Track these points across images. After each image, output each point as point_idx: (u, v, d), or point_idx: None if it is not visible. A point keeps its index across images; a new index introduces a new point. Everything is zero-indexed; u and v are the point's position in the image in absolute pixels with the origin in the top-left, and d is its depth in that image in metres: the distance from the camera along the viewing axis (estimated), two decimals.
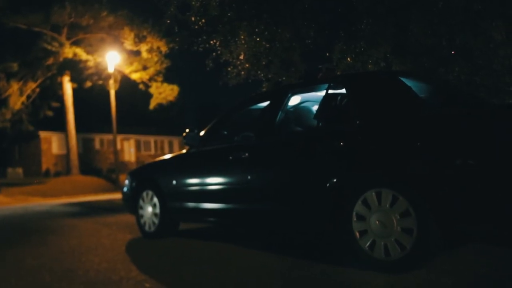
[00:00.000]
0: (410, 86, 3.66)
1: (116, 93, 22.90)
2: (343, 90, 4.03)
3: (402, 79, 3.72)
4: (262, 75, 8.88)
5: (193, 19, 8.11)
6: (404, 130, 3.36)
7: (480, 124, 3.03)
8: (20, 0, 23.23)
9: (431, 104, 3.73)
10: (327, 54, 9.14)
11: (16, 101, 25.66)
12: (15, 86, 25.12)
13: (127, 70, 26.04)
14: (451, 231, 3.12)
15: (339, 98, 4.04)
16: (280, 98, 4.51)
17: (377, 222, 3.36)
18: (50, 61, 25.15)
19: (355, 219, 3.49)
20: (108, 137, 35.16)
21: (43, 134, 32.61)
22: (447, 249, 3.84)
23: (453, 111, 3.43)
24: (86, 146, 34.88)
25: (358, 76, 4.55)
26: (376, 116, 3.56)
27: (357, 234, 3.48)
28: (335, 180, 3.62)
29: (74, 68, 25.37)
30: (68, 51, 24.51)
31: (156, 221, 5.61)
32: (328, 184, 3.66)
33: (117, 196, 13.27)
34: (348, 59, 8.92)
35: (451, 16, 7.74)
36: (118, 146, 27.28)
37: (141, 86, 26.68)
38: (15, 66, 24.08)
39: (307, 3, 8.61)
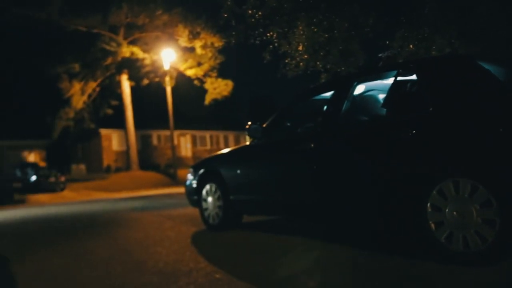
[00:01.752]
0: (489, 69, 3.46)
1: (172, 89, 23.34)
2: (414, 77, 3.86)
3: (480, 63, 3.52)
4: (320, 65, 8.73)
5: (250, 12, 8.08)
6: (484, 116, 3.17)
7: None
8: (79, 3, 24.01)
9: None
10: (387, 42, 8.87)
11: (78, 101, 26.60)
12: (77, 86, 26.05)
13: (182, 67, 26.44)
14: None
15: (409, 84, 3.87)
16: (345, 88, 4.39)
17: (454, 213, 3.19)
18: (109, 61, 25.91)
19: (430, 210, 3.34)
20: (165, 133, 35.92)
21: (103, 131, 33.73)
22: None
23: None
24: (144, 142, 35.81)
25: (431, 60, 4.34)
26: (452, 102, 3.38)
27: (433, 225, 3.32)
28: (408, 169, 3.48)
29: (132, 66, 26.03)
30: (126, 51, 25.16)
31: (220, 213, 5.63)
32: (400, 174, 3.52)
33: (176, 190, 13.55)
34: (411, 46, 8.63)
35: None
36: (175, 142, 27.80)
37: (196, 82, 27.04)
38: (76, 67, 24.97)
39: None
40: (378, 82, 4.68)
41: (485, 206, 3.04)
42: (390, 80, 4.26)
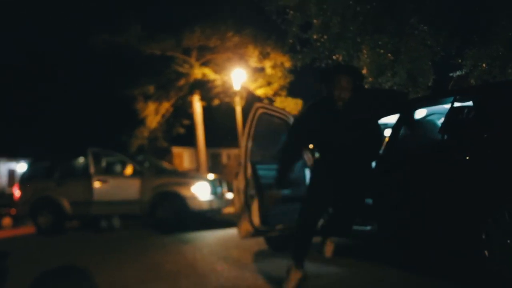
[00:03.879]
0: None
1: (242, 109, 23.86)
2: (470, 103, 3.89)
3: None
4: (387, 87, 8.73)
5: (315, 37, 8.28)
6: None
7: None
8: (155, 29, 25.14)
9: None
10: (460, 61, 8.69)
11: (153, 120, 27.79)
12: (151, 107, 27.24)
13: (252, 87, 26.92)
14: None
15: (465, 111, 3.90)
16: (404, 113, 4.47)
17: (508, 241, 3.19)
18: (182, 82, 26.88)
19: (483, 237, 3.34)
20: (234, 151, 36.65)
21: (175, 149, 34.96)
22: None
23: None
24: (214, 160, 36.71)
25: (487, 87, 4.34)
26: (506, 129, 3.39)
27: (486, 252, 3.32)
28: (461, 197, 3.51)
29: (203, 87, 26.85)
30: (198, 72, 26.05)
31: None
32: (453, 201, 3.55)
33: None
34: (483, 65, 8.41)
35: None
36: None
37: (265, 101, 27.36)
38: (151, 89, 26.13)
39: (434, 9, 8.29)
40: (439, 106, 4.71)
41: None
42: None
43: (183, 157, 35.76)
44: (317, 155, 5.20)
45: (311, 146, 5.37)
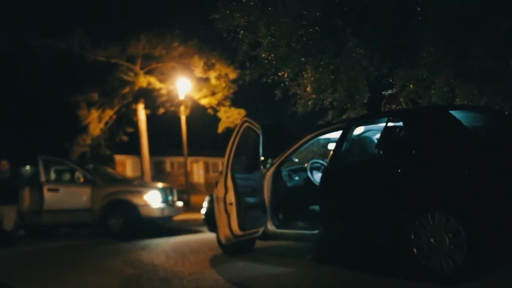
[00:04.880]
0: (460, 118, 4.17)
1: (186, 117, 24.15)
2: (401, 123, 4.58)
3: (451, 112, 4.24)
4: (327, 103, 9.47)
5: (263, 55, 8.90)
6: (453, 159, 3.87)
7: None
8: (100, 36, 24.93)
9: (479, 134, 4.21)
10: (391, 80, 9.48)
11: (96, 128, 27.45)
12: (94, 114, 26.91)
13: (196, 96, 27.19)
14: (500, 248, 3.58)
15: (397, 130, 4.59)
16: (345, 130, 5.12)
17: (432, 240, 3.86)
18: (126, 90, 26.74)
19: (412, 237, 4.01)
20: (178, 159, 36.74)
21: (118, 157, 34.61)
22: (500, 265, 4.24)
23: (496, 141, 3.91)
24: (157, 169, 36.64)
25: (413, 111, 5.11)
26: (429, 147, 4.10)
27: (415, 250, 3.99)
28: (393, 204, 4.17)
29: (148, 96, 26.84)
30: (143, 80, 26.06)
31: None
32: (387, 207, 4.21)
33: (190, 216, 14.15)
34: (411, 85, 9.24)
35: None
36: (188, 168, 28.45)
37: (209, 110, 27.75)
38: (95, 96, 25.87)
39: (370, 32, 9.08)
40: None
41: (456, 234, 3.72)
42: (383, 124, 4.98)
43: (126, 165, 35.42)
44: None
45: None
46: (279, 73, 9.31)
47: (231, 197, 5.15)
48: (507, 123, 4.94)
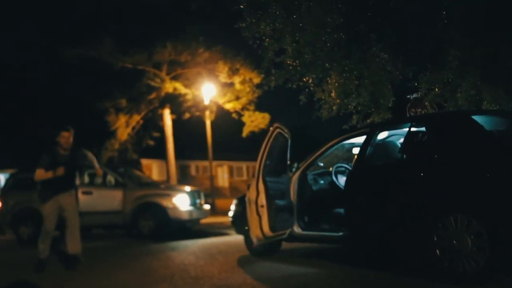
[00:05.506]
0: (482, 123, 4.30)
1: (211, 122, 24.50)
2: (424, 128, 4.72)
3: (474, 117, 4.37)
4: (352, 107, 9.60)
5: (288, 62, 9.09)
6: (474, 163, 4.01)
7: None
8: (127, 43, 25.52)
9: (500, 138, 4.33)
10: (416, 84, 9.50)
11: (123, 133, 28.05)
12: (122, 119, 27.51)
13: (221, 101, 27.52)
14: None
15: (420, 135, 4.73)
16: (369, 135, 5.28)
17: (454, 241, 4.00)
18: (153, 95, 27.26)
19: (435, 239, 4.15)
20: (203, 163, 37.17)
21: (144, 161, 35.21)
22: None
23: None
24: (183, 172, 37.13)
25: (436, 116, 5.24)
26: (451, 151, 4.24)
27: (438, 251, 4.13)
28: (416, 207, 4.31)
29: (174, 101, 27.33)
30: (169, 86, 26.56)
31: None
32: (410, 210, 4.36)
33: (215, 219, 14.43)
34: (436, 89, 9.26)
35: None
36: (213, 172, 28.79)
37: (234, 115, 28.06)
38: (123, 102, 26.47)
39: (394, 37, 9.15)
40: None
41: (478, 236, 3.85)
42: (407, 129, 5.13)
43: (152, 169, 36.02)
44: None
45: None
46: (304, 79, 9.48)
47: (262, 200, 5.37)
48: None
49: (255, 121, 27.62)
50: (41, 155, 6.14)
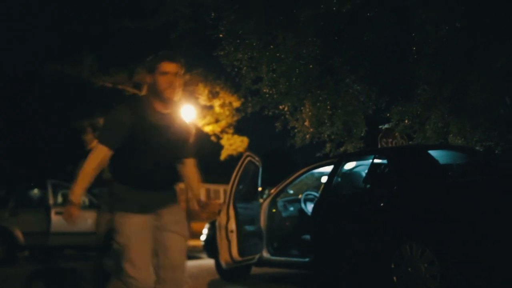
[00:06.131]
0: (441, 157, 4.59)
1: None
2: (385, 161, 5.00)
3: (431, 152, 4.66)
4: (326, 136, 9.92)
5: (264, 90, 9.41)
6: (428, 195, 4.28)
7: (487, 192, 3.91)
8: (108, 63, 25.65)
9: (454, 172, 4.63)
10: (388, 115, 9.85)
11: None
12: None
13: (200, 123, 27.63)
14: (472, 276, 3.95)
15: (382, 166, 5.00)
16: (336, 165, 5.54)
17: (409, 269, 4.23)
18: None
19: (393, 266, 4.38)
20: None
21: None
22: None
23: (468, 179, 4.33)
24: None
25: (396, 149, 5.55)
26: (408, 183, 4.51)
27: (395, 278, 4.36)
28: (376, 235, 4.55)
29: None
30: None
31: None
32: (371, 238, 4.59)
33: (190, 242, 14.45)
34: (406, 121, 9.62)
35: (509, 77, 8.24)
36: (189, 195, 28.74)
37: (212, 138, 28.19)
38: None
39: (368, 69, 9.51)
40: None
41: (430, 264, 4.09)
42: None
43: None
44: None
45: None
46: (280, 107, 9.79)
47: (232, 225, 5.55)
48: (488, 161, 5.37)
49: (233, 144, 27.79)
50: None
